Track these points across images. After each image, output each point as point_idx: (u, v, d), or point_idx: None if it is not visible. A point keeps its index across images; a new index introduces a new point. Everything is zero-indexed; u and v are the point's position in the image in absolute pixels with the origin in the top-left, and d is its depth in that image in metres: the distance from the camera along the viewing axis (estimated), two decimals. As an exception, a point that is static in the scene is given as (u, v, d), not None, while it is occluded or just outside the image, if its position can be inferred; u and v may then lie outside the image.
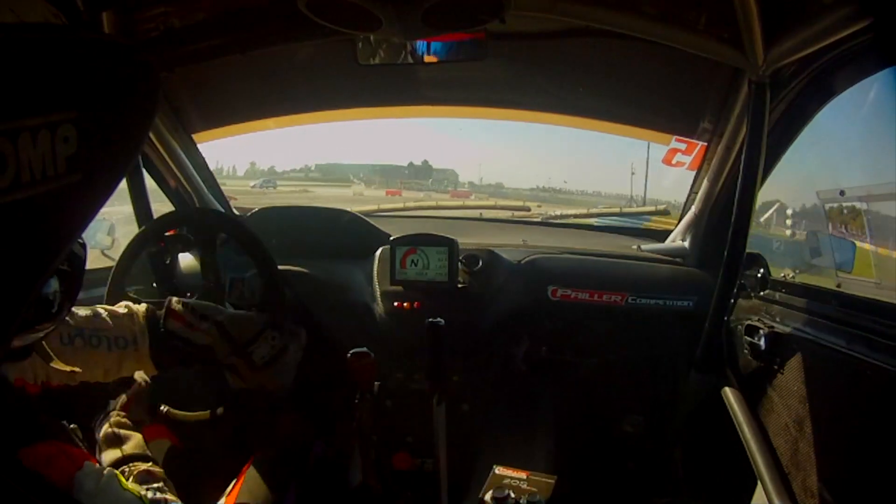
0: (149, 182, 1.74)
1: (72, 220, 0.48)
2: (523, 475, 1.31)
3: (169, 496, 0.84)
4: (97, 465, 0.71)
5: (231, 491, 1.06)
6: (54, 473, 0.64)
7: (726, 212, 1.39)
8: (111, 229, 1.72)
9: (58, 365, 0.87)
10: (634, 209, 2.62)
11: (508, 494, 1.19)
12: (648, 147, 2.02)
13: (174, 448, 1.39)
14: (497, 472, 1.32)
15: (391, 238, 1.62)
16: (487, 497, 1.21)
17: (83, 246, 0.79)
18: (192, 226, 1.40)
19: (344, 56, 1.44)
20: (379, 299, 1.57)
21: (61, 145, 0.43)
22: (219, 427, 1.24)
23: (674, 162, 1.73)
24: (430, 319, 1.17)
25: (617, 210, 2.57)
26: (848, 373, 1.13)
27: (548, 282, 1.58)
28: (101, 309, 1.07)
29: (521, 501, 1.19)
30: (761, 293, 1.48)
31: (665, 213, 2.28)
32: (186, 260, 1.72)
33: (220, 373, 1.21)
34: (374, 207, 2.42)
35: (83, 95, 0.44)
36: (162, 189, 1.85)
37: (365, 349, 1.27)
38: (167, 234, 1.45)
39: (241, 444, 1.21)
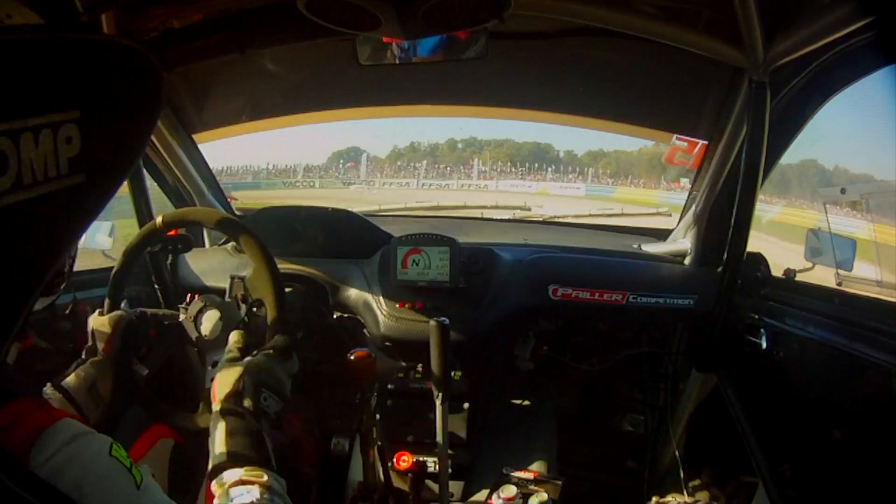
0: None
1: (74, 222, 0.48)
2: (531, 476, 1.31)
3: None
4: (83, 425, 0.61)
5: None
6: (21, 432, 0.55)
7: (727, 210, 1.39)
8: (111, 230, 1.73)
9: None
10: (635, 211, 2.62)
11: (517, 495, 1.19)
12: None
13: (179, 446, 1.39)
14: (505, 472, 1.32)
15: (392, 238, 1.62)
16: (495, 497, 1.21)
17: None
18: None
19: (344, 56, 1.44)
20: (380, 300, 1.57)
21: (64, 146, 0.43)
22: None
23: (675, 160, 1.73)
24: (436, 319, 1.17)
25: (618, 211, 2.58)
26: (849, 371, 1.13)
27: (549, 281, 1.58)
28: None
29: (528, 502, 1.19)
30: (762, 292, 1.48)
31: (667, 214, 2.28)
32: (188, 260, 1.72)
33: None
34: (376, 208, 2.42)
35: (86, 96, 0.44)
36: (162, 189, 1.85)
37: (366, 349, 1.27)
38: (168, 234, 1.45)
39: None
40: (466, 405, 1.59)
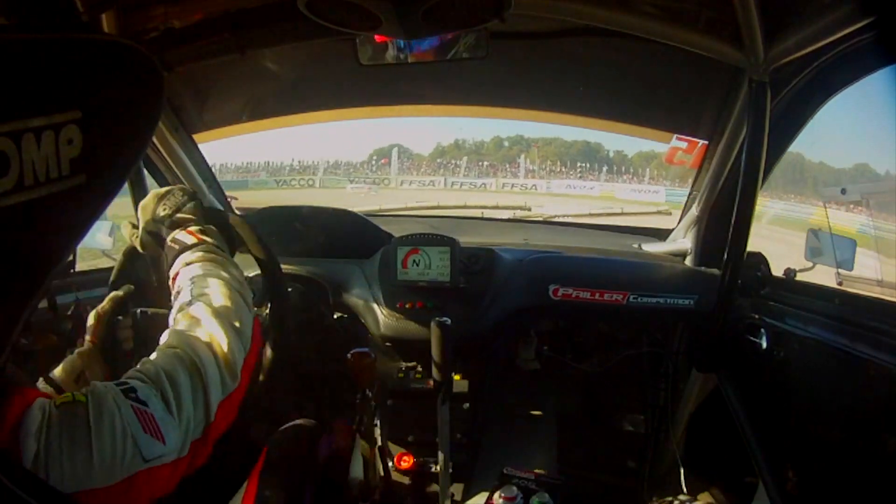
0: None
1: (76, 222, 0.48)
2: (531, 475, 1.31)
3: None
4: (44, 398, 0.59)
5: (246, 491, 1.05)
6: (7, 425, 0.54)
7: (727, 210, 1.39)
8: (112, 230, 1.72)
9: None
10: (636, 211, 2.62)
11: (517, 495, 1.19)
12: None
13: None
14: (506, 472, 1.32)
15: (393, 238, 1.62)
16: (496, 497, 1.21)
17: None
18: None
19: (344, 56, 1.44)
20: (380, 299, 1.57)
21: (65, 146, 0.43)
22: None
23: (675, 160, 1.74)
24: (438, 318, 1.17)
25: (618, 211, 2.58)
26: (850, 371, 1.13)
27: (549, 281, 1.58)
28: None
29: (530, 502, 1.19)
30: (762, 292, 1.48)
31: (667, 213, 2.28)
32: None
33: None
34: (377, 208, 2.42)
35: (87, 96, 0.44)
36: (163, 189, 1.85)
37: (366, 349, 1.27)
38: None
39: (251, 441, 1.21)
40: (467, 405, 1.59)
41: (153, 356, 0.69)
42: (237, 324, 0.76)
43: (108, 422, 0.57)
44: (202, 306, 0.76)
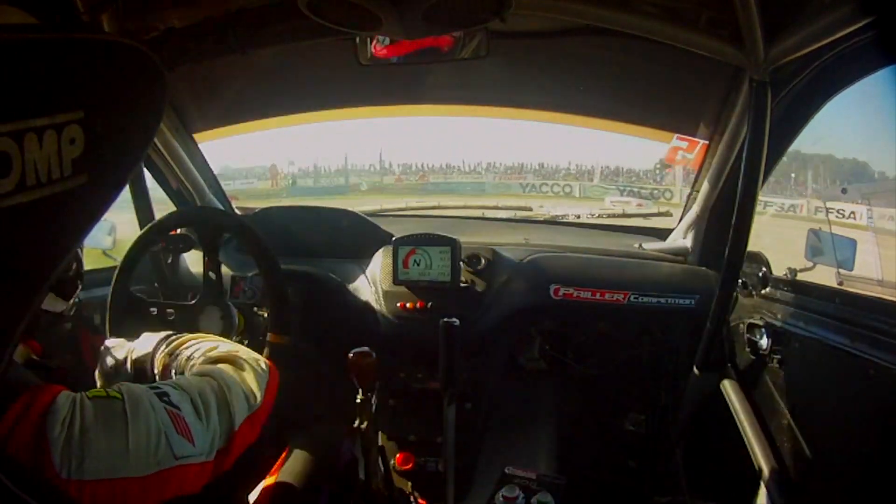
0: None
1: (77, 223, 0.48)
2: (533, 475, 1.31)
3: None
4: (70, 393, 0.61)
5: (263, 488, 1.05)
6: (32, 420, 0.55)
7: (728, 210, 1.39)
8: (112, 230, 1.73)
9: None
10: (637, 211, 2.63)
11: (519, 494, 1.19)
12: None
13: None
14: (507, 472, 1.32)
15: (393, 238, 1.62)
16: (498, 497, 1.21)
17: None
18: (196, 225, 1.40)
19: (344, 56, 1.44)
20: (381, 299, 1.57)
21: (67, 146, 0.43)
22: None
23: (676, 160, 1.74)
24: (445, 319, 1.17)
25: (619, 211, 2.58)
26: (851, 371, 1.13)
27: (550, 281, 1.58)
28: None
29: (531, 502, 1.19)
30: (763, 291, 1.48)
31: (668, 214, 2.28)
32: (189, 259, 1.72)
33: None
34: (377, 207, 2.42)
35: (90, 96, 0.44)
36: (163, 189, 1.85)
37: (366, 349, 1.27)
38: (170, 233, 1.45)
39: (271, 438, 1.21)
40: (469, 405, 1.59)
41: (181, 379, 0.78)
42: (248, 357, 0.88)
43: (144, 418, 0.62)
44: (215, 356, 0.86)
